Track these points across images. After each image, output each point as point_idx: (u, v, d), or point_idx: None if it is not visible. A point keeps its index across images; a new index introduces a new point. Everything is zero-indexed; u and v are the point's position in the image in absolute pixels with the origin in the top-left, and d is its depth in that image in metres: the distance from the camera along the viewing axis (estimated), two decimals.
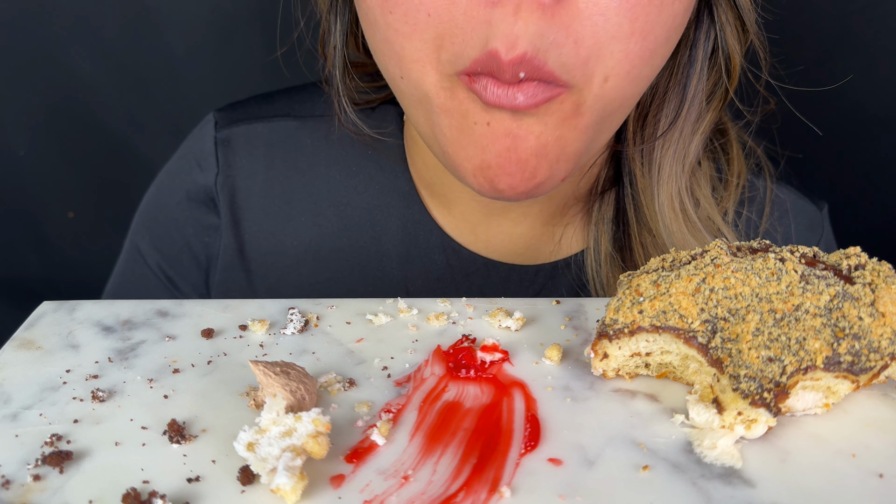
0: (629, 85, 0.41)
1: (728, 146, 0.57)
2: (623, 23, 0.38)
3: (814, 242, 0.59)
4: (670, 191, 0.51)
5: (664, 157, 0.51)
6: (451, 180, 0.54)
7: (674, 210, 0.51)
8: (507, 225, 0.55)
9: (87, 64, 0.82)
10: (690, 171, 0.52)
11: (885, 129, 0.78)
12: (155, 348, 0.38)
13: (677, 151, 0.51)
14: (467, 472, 0.30)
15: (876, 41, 0.74)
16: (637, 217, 0.53)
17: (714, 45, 0.49)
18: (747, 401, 0.30)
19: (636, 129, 0.52)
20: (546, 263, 0.57)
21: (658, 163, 0.51)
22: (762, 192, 0.58)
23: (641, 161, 0.52)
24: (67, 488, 0.29)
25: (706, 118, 0.51)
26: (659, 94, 0.51)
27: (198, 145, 0.59)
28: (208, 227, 0.59)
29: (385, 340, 0.39)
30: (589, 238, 0.55)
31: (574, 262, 0.57)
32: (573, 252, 0.57)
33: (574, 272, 0.56)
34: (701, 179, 0.54)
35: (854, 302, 0.32)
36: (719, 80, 0.51)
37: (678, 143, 0.51)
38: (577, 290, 0.56)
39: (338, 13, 0.52)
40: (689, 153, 0.51)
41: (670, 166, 0.51)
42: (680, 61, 0.50)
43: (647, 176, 0.52)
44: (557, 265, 0.57)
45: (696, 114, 0.51)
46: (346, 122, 0.55)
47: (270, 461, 0.28)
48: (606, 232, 0.54)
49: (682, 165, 0.51)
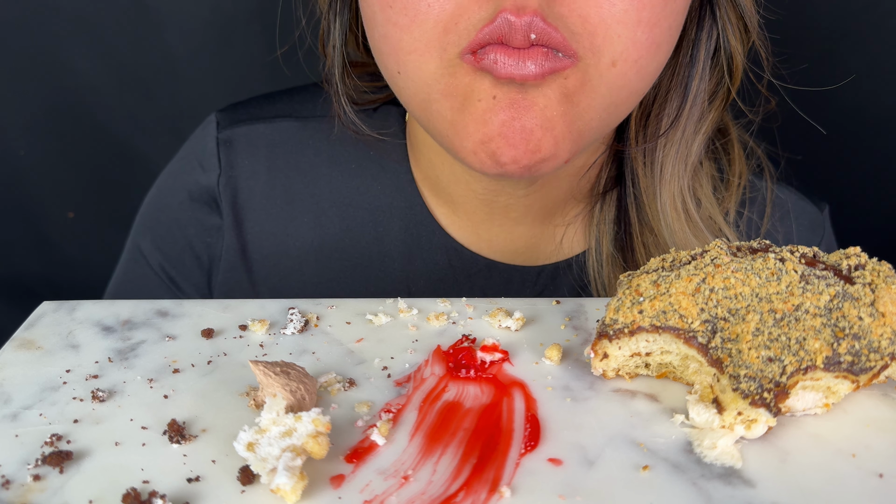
0: (636, 76, 0.42)
1: (729, 146, 0.57)
2: (629, 10, 0.39)
3: (815, 243, 0.59)
4: (672, 190, 0.51)
5: (666, 156, 0.51)
6: (454, 179, 0.54)
7: (676, 209, 0.51)
8: (509, 224, 0.55)
9: (87, 64, 0.82)
10: (693, 171, 0.52)
11: (886, 129, 0.78)
12: (155, 348, 0.38)
13: (680, 151, 0.51)
14: (467, 472, 0.30)
15: (876, 41, 0.74)
16: (639, 217, 0.53)
17: (716, 45, 0.50)
18: (747, 401, 0.30)
19: (638, 129, 0.52)
20: (548, 264, 0.57)
21: (660, 162, 0.51)
22: (763, 193, 0.58)
23: (644, 160, 0.52)
24: (67, 488, 0.29)
25: (708, 118, 0.52)
26: (661, 94, 0.51)
27: (200, 146, 0.59)
28: (210, 227, 0.59)
29: (385, 340, 0.39)
30: (590, 238, 0.55)
31: (576, 263, 0.57)
32: (575, 253, 0.57)
33: (576, 273, 0.56)
34: (703, 179, 0.54)
35: (854, 302, 0.32)
36: (721, 80, 0.51)
37: (680, 143, 0.51)
38: (578, 291, 0.56)
39: (337, 12, 0.52)
40: (691, 153, 0.51)
41: (673, 166, 0.51)
42: (682, 61, 0.50)
43: (650, 175, 0.52)
44: (559, 266, 0.57)
45: (698, 113, 0.51)
46: (346, 121, 0.55)
47: (270, 461, 0.28)
48: (608, 232, 0.54)
49: (685, 165, 0.51)
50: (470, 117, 0.41)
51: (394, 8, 0.40)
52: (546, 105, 0.40)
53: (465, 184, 0.53)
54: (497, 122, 0.41)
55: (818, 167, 0.70)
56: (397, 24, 0.40)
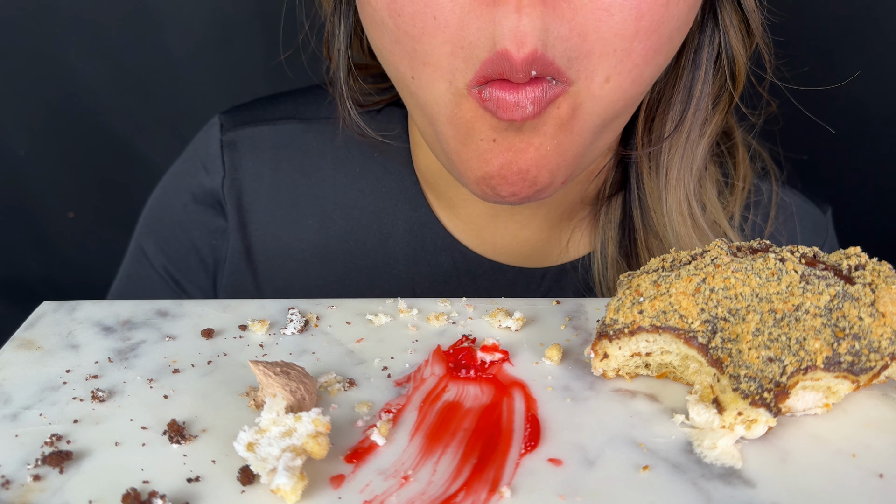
0: (631, 85, 0.41)
1: (734, 150, 0.57)
2: (628, 20, 0.38)
3: (818, 245, 0.59)
4: (678, 195, 0.51)
5: (672, 161, 0.51)
6: (455, 183, 0.54)
7: (682, 214, 0.51)
8: (514, 228, 0.55)
9: (87, 64, 0.82)
10: (698, 176, 0.52)
11: (886, 129, 0.78)
12: (155, 348, 0.38)
13: (685, 156, 0.51)
14: (467, 472, 0.30)
15: (877, 41, 0.74)
16: (644, 221, 0.53)
17: (719, 49, 0.49)
18: (747, 401, 0.30)
19: (643, 133, 0.52)
20: (553, 266, 0.57)
21: (665, 167, 0.51)
22: (767, 196, 0.58)
23: (649, 165, 0.52)
24: (67, 488, 0.29)
25: (713, 122, 0.51)
26: (665, 98, 0.51)
27: (203, 148, 0.59)
28: (215, 229, 0.59)
29: (385, 340, 0.39)
30: (596, 241, 0.55)
31: (581, 265, 0.57)
32: (580, 255, 0.57)
33: (581, 275, 0.56)
34: (707, 183, 0.54)
35: (854, 302, 0.32)
36: (725, 84, 0.51)
37: (685, 147, 0.51)
38: (583, 293, 0.56)
39: (342, 15, 0.52)
40: (696, 157, 0.51)
41: (678, 170, 0.51)
42: (684, 64, 0.49)
43: (655, 180, 0.52)
44: (564, 268, 0.57)
45: (702, 117, 0.51)
46: (351, 124, 0.55)
47: (270, 461, 0.28)
48: (613, 236, 0.55)
49: (690, 169, 0.51)
50: (472, 153, 0.42)
51: (402, 17, 0.40)
52: (541, 143, 0.41)
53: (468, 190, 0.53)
54: (496, 164, 0.41)
55: (819, 167, 0.70)
56: (408, 33, 0.40)
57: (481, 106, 0.40)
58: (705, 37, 0.49)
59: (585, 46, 0.38)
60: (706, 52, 0.49)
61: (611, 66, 0.39)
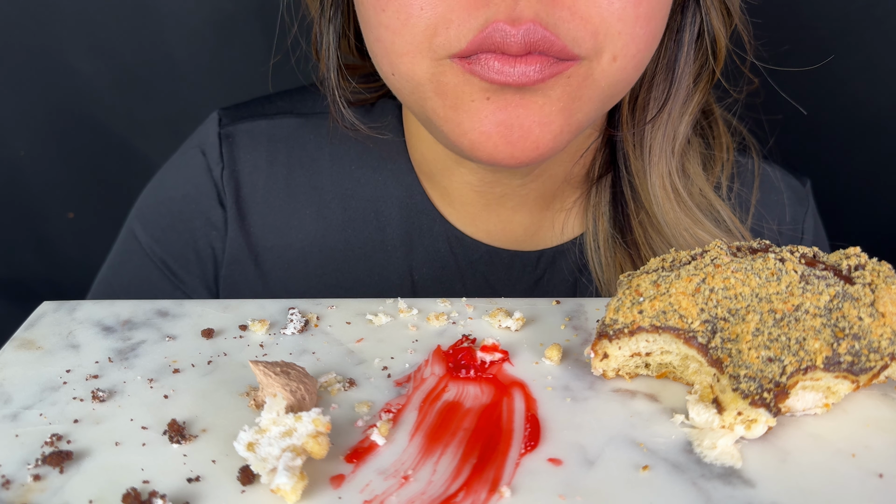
0: (633, 68, 0.43)
1: (714, 124, 0.59)
2: (627, 7, 0.40)
3: (802, 214, 0.61)
4: (661, 172, 0.53)
5: (654, 139, 0.53)
6: (447, 173, 0.55)
7: (665, 189, 0.53)
8: (506, 214, 0.57)
9: (87, 64, 0.82)
10: (681, 152, 0.54)
11: (885, 129, 0.78)
12: (155, 348, 0.38)
13: (666, 134, 0.53)
14: (467, 472, 0.30)
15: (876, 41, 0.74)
16: (634, 198, 0.54)
17: (700, 29, 0.51)
18: (747, 401, 0.30)
19: (629, 113, 0.53)
20: (548, 248, 0.58)
21: (649, 145, 0.53)
22: (750, 168, 0.59)
23: (633, 144, 0.53)
24: (67, 488, 0.29)
25: (694, 100, 0.53)
26: (647, 78, 0.52)
27: (202, 141, 0.60)
28: (214, 221, 0.60)
29: (385, 340, 0.39)
30: (588, 221, 0.57)
31: (577, 247, 0.58)
32: (573, 236, 0.58)
33: (576, 255, 0.58)
34: (691, 155, 0.56)
35: (854, 302, 0.32)
36: (706, 63, 0.53)
37: (667, 126, 0.52)
38: (578, 272, 0.58)
39: (330, 18, 0.53)
40: (678, 134, 0.53)
41: (660, 148, 0.53)
42: (667, 45, 0.51)
43: (640, 158, 0.53)
44: (559, 250, 0.58)
45: (683, 96, 0.52)
46: (345, 123, 0.56)
47: (270, 461, 0.28)
48: (604, 214, 0.56)
49: (672, 147, 0.53)
50: (465, 115, 0.42)
51: (386, 12, 0.41)
52: (545, 103, 0.41)
53: (460, 176, 0.54)
54: (491, 122, 0.41)
55: (818, 167, 0.70)
56: (389, 27, 0.41)
57: (466, 70, 0.40)
58: (687, 18, 0.50)
59: (590, 27, 0.40)
60: (688, 33, 0.51)
61: (618, 47, 0.41)
